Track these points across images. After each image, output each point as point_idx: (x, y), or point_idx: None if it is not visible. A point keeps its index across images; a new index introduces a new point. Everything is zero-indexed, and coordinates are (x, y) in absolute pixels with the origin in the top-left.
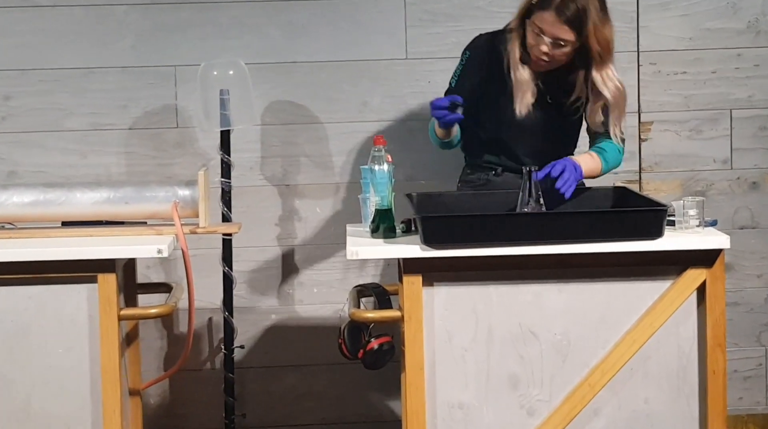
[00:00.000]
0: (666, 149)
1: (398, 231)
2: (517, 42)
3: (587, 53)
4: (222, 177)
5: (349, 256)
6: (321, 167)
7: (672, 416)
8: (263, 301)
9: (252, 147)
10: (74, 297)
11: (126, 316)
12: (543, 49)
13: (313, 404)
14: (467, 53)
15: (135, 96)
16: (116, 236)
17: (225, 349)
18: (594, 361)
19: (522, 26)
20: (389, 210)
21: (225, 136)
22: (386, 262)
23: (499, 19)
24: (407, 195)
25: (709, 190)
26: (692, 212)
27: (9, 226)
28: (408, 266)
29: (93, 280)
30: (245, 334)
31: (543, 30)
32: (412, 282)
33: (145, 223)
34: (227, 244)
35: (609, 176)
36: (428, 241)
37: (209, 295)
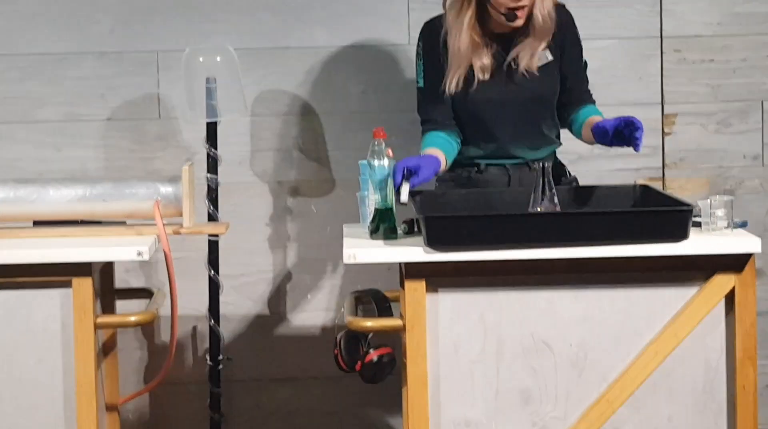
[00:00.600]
0: (692, 144)
1: (400, 232)
2: (468, 10)
3: None
4: (208, 172)
5: (346, 260)
6: (316, 162)
7: None
8: (252, 309)
9: (241, 140)
10: (46, 303)
11: (103, 325)
12: None
13: (307, 421)
14: (420, 44)
15: (113, 84)
16: (92, 237)
17: (211, 361)
18: (613, 375)
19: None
20: (390, 209)
21: (212, 128)
22: (387, 266)
23: None
24: (409, 192)
25: (739, 189)
26: (720, 213)
27: None
28: (410, 270)
29: (67, 285)
30: (233, 345)
31: None
32: (415, 288)
33: (125, 223)
34: (213, 246)
35: (629, 173)
36: (432, 243)
37: (194, 302)
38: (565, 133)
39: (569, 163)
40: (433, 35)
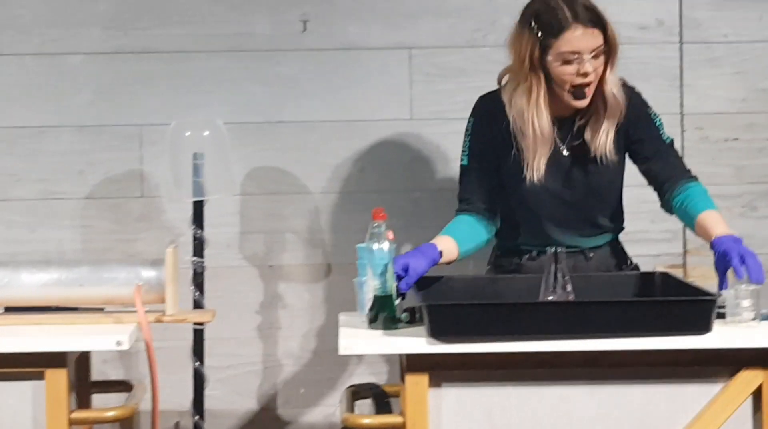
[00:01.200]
0: None
1: (401, 321)
2: (539, 89)
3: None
4: (194, 255)
5: (342, 351)
6: (310, 245)
7: None
8: (240, 403)
9: (230, 220)
10: (17, 396)
11: (78, 420)
12: (589, 68)
13: None
14: (471, 120)
15: (93, 159)
16: (68, 325)
17: None
18: None
19: (539, 70)
20: (390, 296)
21: (198, 208)
22: (386, 358)
23: None
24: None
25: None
26: (746, 303)
27: None
28: (412, 363)
29: (40, 377)
30: None
31: (578, 49)
32: (417, 382)
33: (103, 310)
34: (199, 335)
35: (649, 259)
36: (436, 334)
37: (176, 396)
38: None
39: None
40: (486, 113)
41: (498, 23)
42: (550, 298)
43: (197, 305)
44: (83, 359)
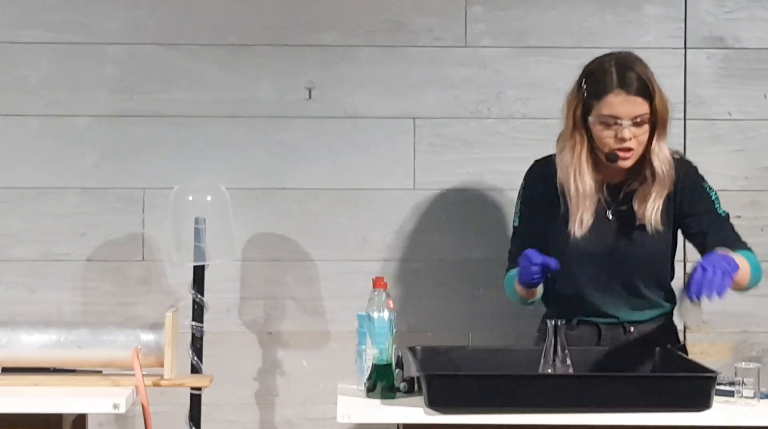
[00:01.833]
0: (715, 306)
1: (399, 390)
2: (581, 148)
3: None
4: (193, 320)
5: (340, 420)
6: (310, 313)
7: None
8: None
9: (230, 286)
10: None
11: None
12: (627, 135)
13: None
14: (523, 183)
15: (95, 222)
16: (65, 386)
17: None
18: None
19: (581, 129)
20: (389, 365)
21: (199, 273)
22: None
23: (522, 147)
24: (410, 348)
25: (766, 357)
26: (746, 381)
27: None
28: None
29: None
30: None
31: (618, 114)
32: None
33: (101, 372)
34: (196, 401)
35: None
36: (434, 404)
37: None
38: None
39: None
40: (538, 176)
41: (503, 96)
42: (549, 371)
43: (195, 370)
44: (80, 421)
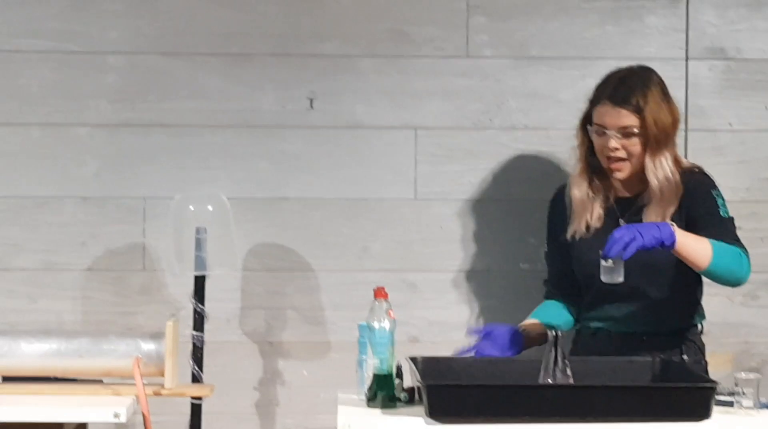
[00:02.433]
0: (716, 317)
1: (400, 400)
2: (582, 152)
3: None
4: (194, 330)
5: None
6: (311, 322)
7: None
8: None
9: (231, 296)
10: None
11: None
12: (612, 145)
13: None
14: (548, 208)
15: (96, 231)
16: (66, 395)
17: None
18: None
19: (585, 135)
20: (389, 375)
21: (200, 282)
22: None
23: (524, 158)
24: (411, 358)
25: (766, 367)
26: (746, 391)
27: None
28: None
29: None
30: None
31: (605, 124)
32: None
33: (101, 382)
34: (196, 410)
35: None
36: (434, 414)
37: None
38: None
39: None
40: (557, 198)
41: (504, 106)
42: (549, 381)
43: (195, 380)
44: None
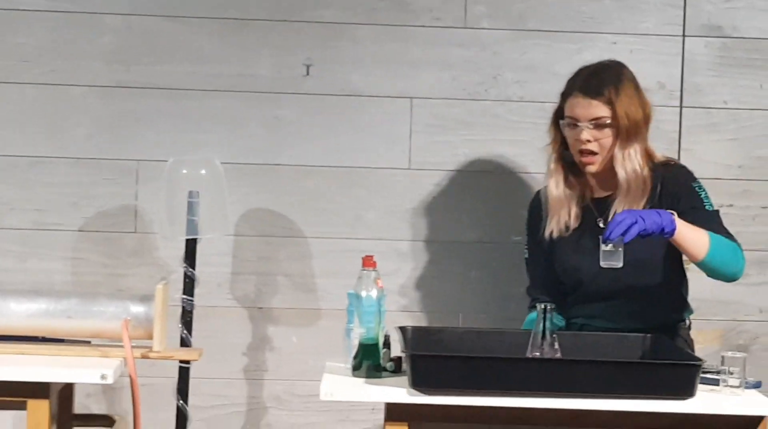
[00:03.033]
0: (704, 294)
1: (385, 370)
2: (555, 152)
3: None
4: (184, 294)
5: (323, 397)
6: (301, 289)
7: None
8: None
9: (222, 261)
10: None
11: None
12: (584, 136)
13: None
14: (527, 213)
15: (88, 193)
16: (53, 356)
17: None
18: None
19: (557, 130)
20: (375, 345)
21: (191, 246)
22: (371, 407)
23: (519, 130)
24: (400, 328)
25: (753, 345)
26: (732, 370)
27: None
28: (392, 412)
29: (21, 407)
30: None
31: (577, 116)
32: None
33: (89, 343)
34: (184, 374)
35: None
36: (417, 385)
37: None
38: None
39: None
40: (535, 204)
41: (500, 78)
42: (536, 354)
43: (184, 343)
44: (66, 391)
